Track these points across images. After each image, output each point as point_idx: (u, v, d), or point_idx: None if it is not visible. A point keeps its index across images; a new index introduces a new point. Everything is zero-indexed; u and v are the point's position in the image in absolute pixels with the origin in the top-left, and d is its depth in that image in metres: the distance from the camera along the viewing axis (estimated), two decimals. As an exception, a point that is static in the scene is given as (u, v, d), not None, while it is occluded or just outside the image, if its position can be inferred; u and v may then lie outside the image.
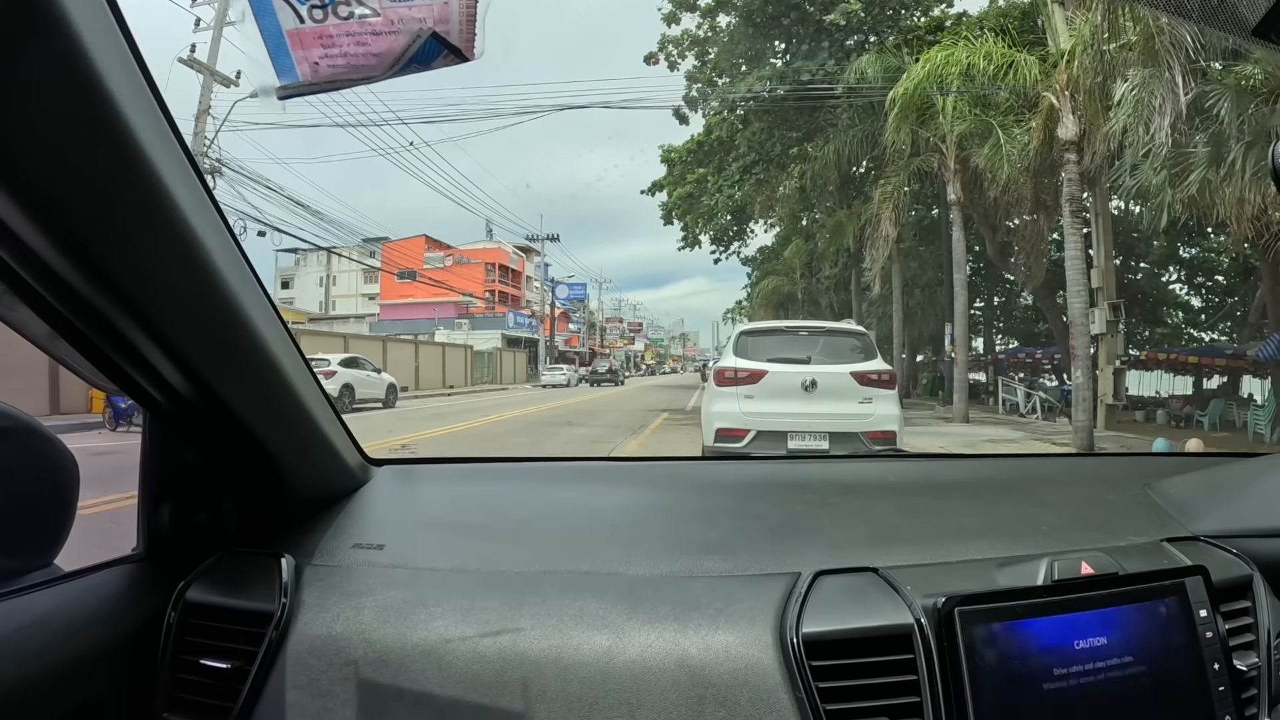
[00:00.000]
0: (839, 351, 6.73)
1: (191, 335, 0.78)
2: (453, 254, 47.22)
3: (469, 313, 44.38)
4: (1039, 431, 13.25)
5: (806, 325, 7.28)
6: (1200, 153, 8.96)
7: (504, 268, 50.76)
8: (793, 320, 9.08)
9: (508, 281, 51.33)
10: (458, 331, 40.97)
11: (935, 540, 1.04)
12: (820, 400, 6.38)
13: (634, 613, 0.88)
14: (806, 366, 6.50)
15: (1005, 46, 12.36)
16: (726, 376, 6.57)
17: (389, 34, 0.65)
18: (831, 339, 6.87)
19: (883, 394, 6.47)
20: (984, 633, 0.81)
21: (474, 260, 47.40)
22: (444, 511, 1.22)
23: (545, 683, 0.81)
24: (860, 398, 6.41)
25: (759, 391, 6.43)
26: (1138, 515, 1.15)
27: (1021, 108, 13.11)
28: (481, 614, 0.88)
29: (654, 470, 1.63)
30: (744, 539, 1.06)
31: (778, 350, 6.68)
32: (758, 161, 19.76)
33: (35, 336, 0.78)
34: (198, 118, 15.88)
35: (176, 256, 0.71)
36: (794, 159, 19.73)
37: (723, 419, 6.46)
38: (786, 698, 0.79)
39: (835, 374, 6.46)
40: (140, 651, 0.90)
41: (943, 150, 14.61)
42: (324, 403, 1.06)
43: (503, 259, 50.32)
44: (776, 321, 8.13)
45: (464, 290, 41.94)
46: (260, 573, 0.95)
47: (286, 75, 0.66)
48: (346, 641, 0.87)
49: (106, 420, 8.53)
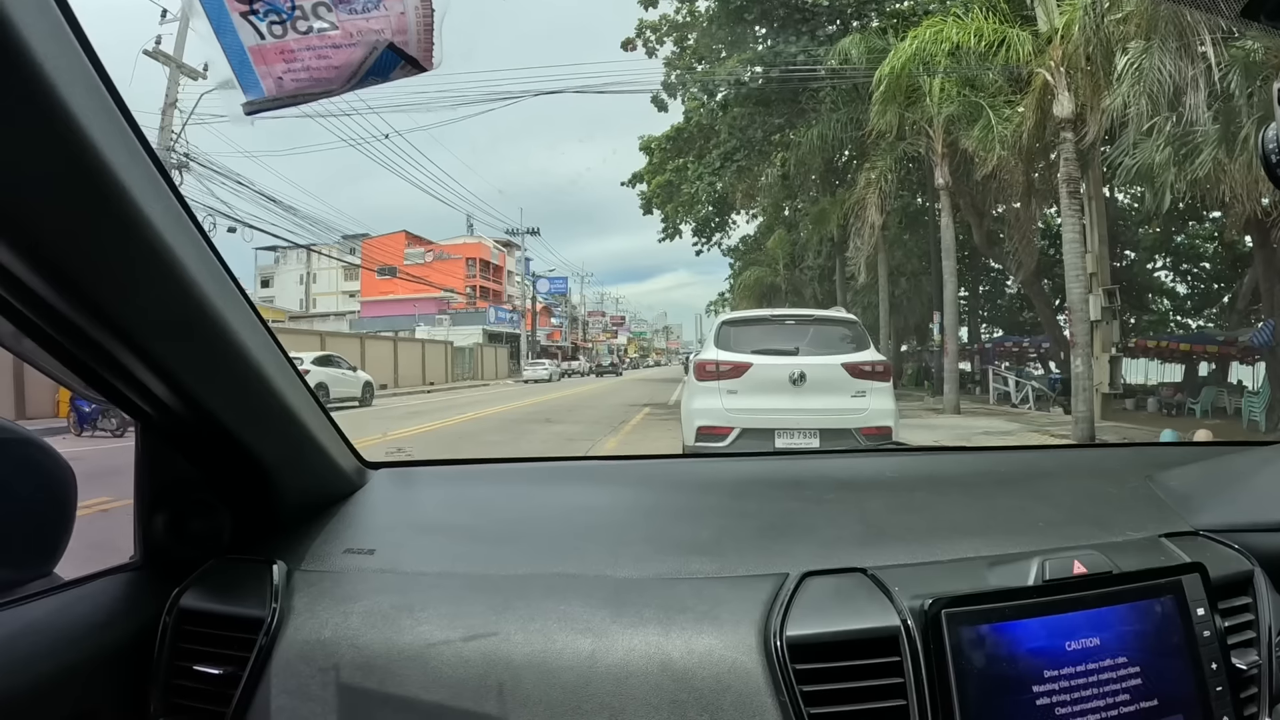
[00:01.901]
0: (829, 341, 6.22)
1: (173, 349, 0.78)
2: (433, 249, 46.94)
3: (450, 308, 44.01)
4: (1034, 423, 12.88)
5: (793, 314, 6.78)
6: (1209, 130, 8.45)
7: (485, 263, 50.56)
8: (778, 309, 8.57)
9: (489, 276, 51.18)
10: (439, 328, 40.78)
11: (928, 538, 1.03)
12: (810, 394, 5.87)
13: (618, 616, 0.87)
14: (794, 358, 6.01)
15: (997, 23, 11.92)
16: (707, 370, 6.03)
17: (347, 46, 0.66)
18: (821, 328, 6.36)
19: (877, 387, 5.96)
20: (971, 635, 0.79)
21: (455, 255, 47.02)
22: (437, 514, 1.22)
23: (528, 687, 0.81)
24: (853, 391, 5.90)
25: (743, 386, 5.92)
26: (1137, 509, 1.13)
27: (1012, 89, 12.75)
28: (467, 618, 0.88)
29: (649, 469, 1.64)
30: (733, 539, 1.05)
31: (763, 341, 6.17)
32: (739, 148, 19.24)
33: (23, 352, 0.78)
34: (164, 111, 15.51)
35: (153, 271, 0.70)
36: (776, 146, 19.30)
37: (704, 416, 5.93)
38: (770, 702, 0.78)
39: (825, 366, 5.95)
40: (136, 659, 0.90)
41: (930, 133, 14.17)
42: (315, 408, 1.06)
43: (484, 254, 50.13)
44: (761, 310, 7.57)
45: (445, 286, 41.60)
46: (252, 579, 0.95)
47: (252, 90, 0.68)
48: (335, 647, 0.87)
49: (71, 425, 8.46)
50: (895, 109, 13.38)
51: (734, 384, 5.92)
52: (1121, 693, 0.81)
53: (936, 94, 13.36)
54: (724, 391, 5.92)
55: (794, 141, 17.83)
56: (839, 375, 5.91)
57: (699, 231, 25.78)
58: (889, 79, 12.89)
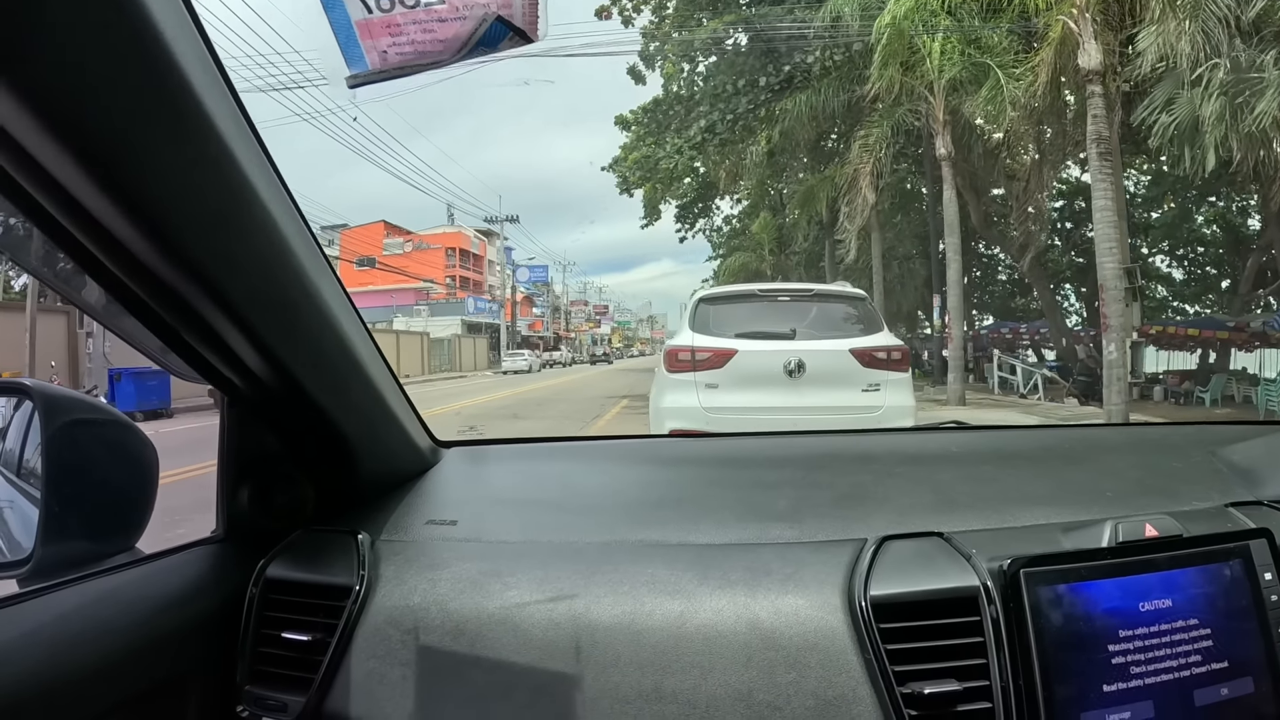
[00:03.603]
0: (833, 322, 5.00)
1: (272, 321, 0.81)
2: (412, 239, 46.62)
3: (429, 299, 44.09)
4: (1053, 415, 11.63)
5: (789, 288, 5.50)
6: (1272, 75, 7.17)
7: (465, 252, 50.50)
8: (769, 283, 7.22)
9: (469, 266, 51.13)
10: (416, 319, 40.86)
11: (1000, 506, 1.04)
12: (810, 388, 4.65)
13: (704, 579, 0.88)
14: (790, 343, 4.77)
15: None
16: (681, 360, 4.78)
17: (455, 20, 0.68)
18: (823, 306, 5.11)
19: (894, 378, 4.74)
20: (1050, 594, 0.80)
21: (434, 245, 47.03)
22: (513, 488, 1.26)
23: (619, 648, 0.83)
24: (864, 384, 4.68)
25: (726, 378, 4.68)
26: (1202, 481, 1.13)
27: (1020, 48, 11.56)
28: (555, 582, 0.90)
29: (717, 445, 1.67)
30: (811, 507, 1.06)
31: (751, 322, 4.93)
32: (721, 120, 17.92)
33: (123, 330, 0.82)
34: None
35: (260, 242, 0.74)
36: (762, 121, 18.01)
37: (676, 417, 4.69)
38: (856, 659, 0.80)
39: (830, 353, 4.73)
40: (222, 628, 0.93)
41: (930, 99, 12.99)
42: (395, 386, 1.08)
43: (463, 243, 50.05)
44: (748, 285, 6.20)
45: (425, 276, 41.95)
46: (338, 549, 0.99)
47: (356, 64, 0.70)
48: (424, 612, 0.89)
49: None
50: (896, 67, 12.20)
51: (714, 376, 4.68)
52: (1194, 654, 0.81)
53: (937, 56, 12.22)
54: (701, 386, 4.68)
55: (782, 111, 16.58)
56: (847, 364, 4.68)
57: (682, 217, 25.21)
58: (890, 30, 11.68)
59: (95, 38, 0.52)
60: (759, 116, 17.87)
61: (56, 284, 0.77)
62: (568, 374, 33.69)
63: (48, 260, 0.74)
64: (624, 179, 20.50)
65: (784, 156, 19.97)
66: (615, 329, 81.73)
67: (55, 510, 0.86)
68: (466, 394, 18.89)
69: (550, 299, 60.77)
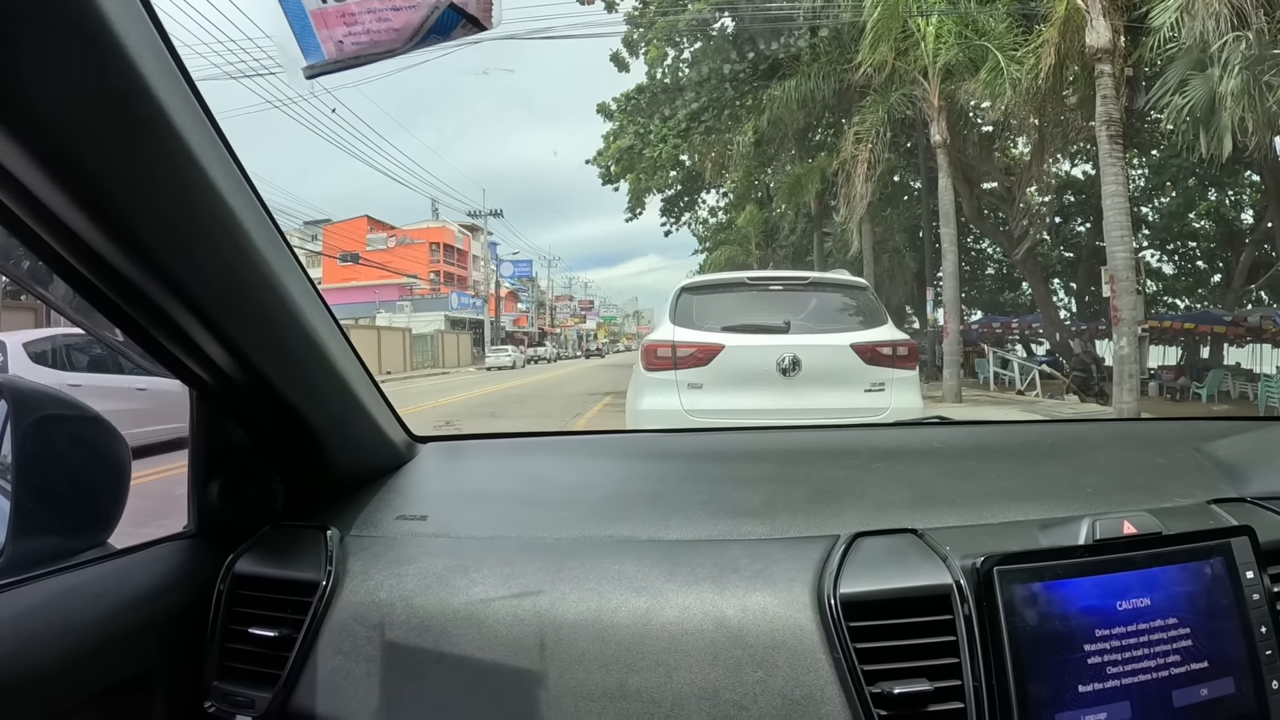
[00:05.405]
0: (831, 314, 4.41)
1: (234, 313, 0.79)
2: (396, 234, 46.24)
3: (413, 294, 43.75)
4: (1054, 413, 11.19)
5: (781, 276, 4.89)
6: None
7: (449, 247, 49.93)
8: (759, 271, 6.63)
9: (453, 261, 50.57)
10: (399, 314, 40.43)
11: (977, 502, 1.03)
12: (806, 388, 4.07)
13: (672, 575, 0.87)
14: (783, 337, 4.17)
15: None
16: (660, 356, 4.18)
17: (408, 8, 0.68)
18: (820, 296, 4.51)
19: (901, 376, 4.17)
20: (1024, 593, 0.79)
21: (418, 240, 46.41)
22: (487, 484, 1.25)
23: (584, 644, 0.82)
24: (868, 383, 4.11)
25: (712, 377, 4.10)
26: (1185, 477, 1.13)
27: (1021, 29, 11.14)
28: (521, 578, 0.89)
29: (696, 440, 1.64)
30: (784, 503, 1.05)
31: (739, 314, 4.33)
32: (708, 107, 17.45)
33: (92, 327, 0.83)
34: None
35: (215, 232, 0.72)
36: (749, 109, 17.47)
37: (655, 421, 4.11)
38: (824, 658, 0.79)
39: (828, 348, 4.15)
40: (191, 623, 0.92)
41: (925, 84, 12.52)
42: (367, 380, 1.07)
43: (448, 238, 49.39)
44: (736, 273, 5.61)
45: (409, 272, 41.40)
46: (307, 545, 0.98)
47: (312, 55, 0.69)
48: (390, 608, 0.88)
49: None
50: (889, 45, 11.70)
51: (698, 374, 4.10)
52: (1172, 653, 0.80)
53: (932, 39, 11.77)
54: (683, 386, 4.10)
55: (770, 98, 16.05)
56: (847, 361, 4.12)
57: (667, 210, 24.79)
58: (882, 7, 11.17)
59: (44, 34, 0.51)
60: (746, 105, 17.38)
61: (23, 279, 0.77)
62: (552, 370, 33.33)
63: (13, 256, 0.74)
64: (606, 170, 19.97)
65: (772, 146, 19.43)
66: (601, 324, 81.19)
67: (26, 506, 0.86)
68: (447, 390, 18.59)
69: (535, 294, 60.28)
